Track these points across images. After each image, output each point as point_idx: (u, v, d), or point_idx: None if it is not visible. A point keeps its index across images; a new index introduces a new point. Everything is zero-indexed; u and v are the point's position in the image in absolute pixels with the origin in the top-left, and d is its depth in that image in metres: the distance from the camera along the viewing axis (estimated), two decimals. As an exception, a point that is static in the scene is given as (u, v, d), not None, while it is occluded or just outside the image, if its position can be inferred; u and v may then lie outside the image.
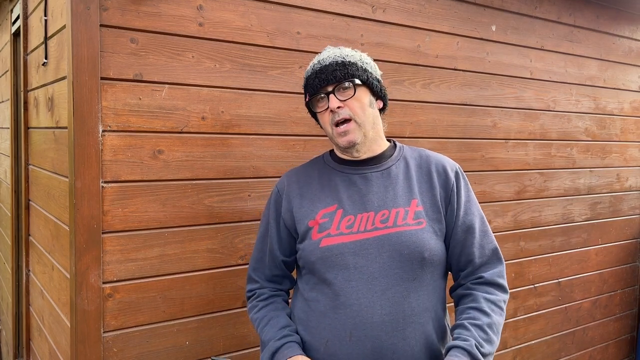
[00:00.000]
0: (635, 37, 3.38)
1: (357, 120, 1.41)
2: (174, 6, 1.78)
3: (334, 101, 1.40)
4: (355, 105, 1.41)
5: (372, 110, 1.46)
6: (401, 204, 1.41)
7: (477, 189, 2.67)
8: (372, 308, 1.34)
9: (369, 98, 1.45)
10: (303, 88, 1.51)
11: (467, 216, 1.47)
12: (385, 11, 2.26)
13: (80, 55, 1.62)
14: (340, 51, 1.47)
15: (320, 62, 1.45)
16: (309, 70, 1.48)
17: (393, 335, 1.34)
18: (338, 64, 1.42)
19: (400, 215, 1.40)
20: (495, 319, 1.38)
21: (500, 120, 2.74)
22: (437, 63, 2.46)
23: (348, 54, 1.46)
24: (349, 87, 1.41)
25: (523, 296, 2.96)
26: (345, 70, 1.41)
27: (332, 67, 1.41)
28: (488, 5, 2.62)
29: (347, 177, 1.47)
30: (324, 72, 1.42)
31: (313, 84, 1.44)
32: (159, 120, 1.78)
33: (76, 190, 1.64)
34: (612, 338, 3.57)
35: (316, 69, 1.44)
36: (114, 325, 1.75)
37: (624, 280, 3.57)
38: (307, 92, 1.49)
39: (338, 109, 1.40)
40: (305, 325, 1.44)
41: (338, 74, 1.40)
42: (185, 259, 1.86)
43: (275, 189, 1.58)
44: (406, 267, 1.36)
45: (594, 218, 3.30)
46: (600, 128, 3.27)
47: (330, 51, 1.48)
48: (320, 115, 1.47)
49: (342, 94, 1.41)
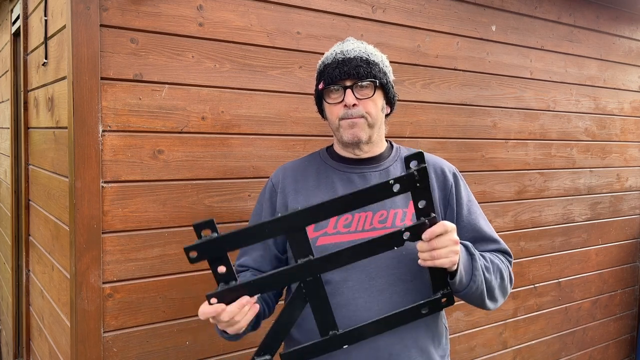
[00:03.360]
0: (635, 37, 3.38)
1: (368, 120, 1.39)
2: (174, 6, 1.78)
3: (350, 97, 1.37)
4: (371, 106, 1.39)
5: (381, 114, 1.44)
6: (399, 205, 1.40)
7: (477, 189, 2.67)
8: (369, 308, 1.33)
9: (382, 102, 1.43)
10: (317, 74, 1.46)
11: (470, 215, 1.46)
12: (385, 11, 2.26)
13: (80, 55, 1.62)
14: (365, 47, 1.43)
15: (344, 53, 1.40)
16: (330, 57, 1.42)
17: (390, 336, 1.33)
18: (363, 60, 1.38)
19: (398, 216, 1.39)
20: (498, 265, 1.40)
21: (500, 120, 2.74)
22: (437, 63, 2.46)
23: (372, 52, 1.43)
24: (368, 87, 1.38)
25: (523, 296, 2.96)
26: (368, 69, 1.37)
27: (356, 62, 1.37)
28: (488, 5, 2.62)
29: (346, 175, 1.45)
30: (347, 64, 1.37)
31: (332, 74, 1.38)
32: (159, 120, 1.78)
33: (76, 190, 1.64)
34: (612, 338, 3.57)
35: (339, 58, 1.39)
36: (114, 325, 1.75)
37: (624, 280, 3.57)
38: (322, 80, 1.43)
39: (353, 106, 1.37)
40: (300, 326, 1.40)
41: (361, 71, 1.36)
42: (185, 259, 1.86)
43: (269, 182, 1.53)
44: (404, 267, 1.35)
45: (594, 218, 3.30)
46: (600, 128, 3.27)
47: (355, 44, 1.43)
48: (330, 107, 1.43)
49: (359, 92, 1.38)
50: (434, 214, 1.15)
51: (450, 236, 1.17)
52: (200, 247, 1.03)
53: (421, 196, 1.13)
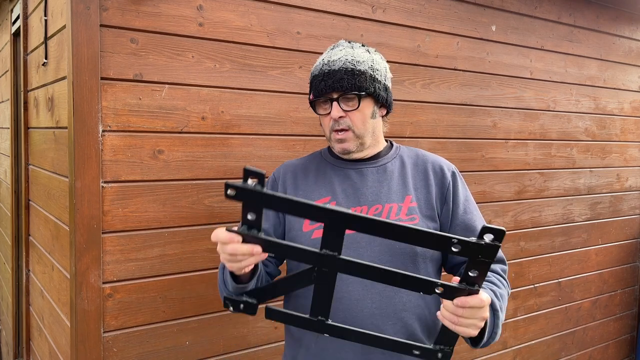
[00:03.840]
0: (635, 37, 3.38)
1: (355, 131, 1.40)
2: (174, 6, 1.78)
3: (336, 111, 1.38)
4: (357, 117, 1.40)
5: (373, 120, 1.44)
6: (395, 199, 1.41)
7: (477, 189, 2.67)
8: (362, 301, 1.34)
9: (372, 109, 1.43)
10: (309, 83, 1.48)
11: (466, 214, 1.46)
12: (385, 11, 2.26)
13: (80, 55, 1.62)
14: (352, 53, 1.41)
15: (330, 65, 1.40)
16: (317, 68, 1.43)
17: (383, 329, 1.34)
18: (347, 71, 1.37)
19: (393, 210, 1.39)
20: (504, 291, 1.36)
21: (500, 120, 2.74)
22: (437, 63, 2.46)
23: (360, 59, 1.40)
24: (353, 99, 1.39)
25: (523, 296, 2.96)
26: (353, 81, 1.37)
27: (340, 75, 1.37)
28: (488, 5, 2.62)
29: (342, 170, 1.47)
30: (332, 77, 1.38)
31: (319, 87, 1.40)
32: (159, 120, 1.78)
33: (76, 190, 1.64)
34: (612, 338, 3.57)
35: (324, 70, 1.40)
36: (114, 325, 1.75)
37: (624, 280, 3.57)
38: (311, 91, 1.46)
39: (339, 118, 1.39)
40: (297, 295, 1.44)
41: (345, 84, 1.36)
42: (185, 259, 1.86)
43: (272, 176, 1.57)
44: (398, 261, 1.36)
45: (594, 218, 3.30)
46: (600, 128, 3.27)
47: (342, 52, 1.42)
48: (321, 117, 1.46)
49: (345, 104, 1.39)
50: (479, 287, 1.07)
51: (482, 313, 1.10)
52: (242, 190, 0.99)
53: (478, 267, 1.03)
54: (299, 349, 1.44)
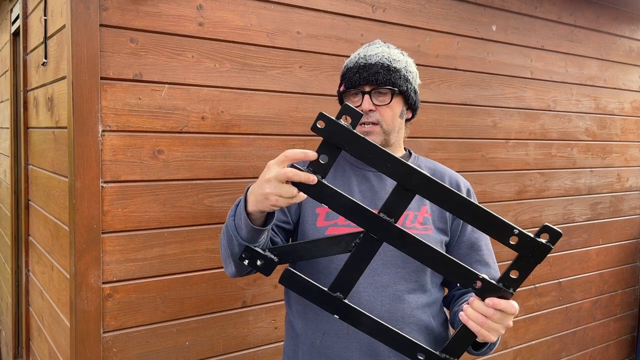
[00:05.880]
0: (635, 37, 3.38)
1: (383, 126, 1.41)
2: (174, 6, 1.77)
3: (367, 103, 1.39)
4: (387, 112, 1.41)
5: (400, 120, 1.45)
6: (411, 207, 1.41)
7: (477, 189, 2.66)
8: (372, 303, 1.34)
9: (401, 108, 1.44)
10: (341, 75, 1.48)
11: (473, 233, 1.47)
12: (385, 11, 2.26)
13: (80, 55, 1.62)
14: (389, 51, 1.44)
15: (366, 58, 1.41)
16: (353, 61, 1.45)
17: None
18: (384, 67, 1.39)
19: (409, 218, 1.40)
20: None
21: (500, 120, 2.74)
22: (437, 63, 2.46)
23: (395, 57, 1.43)
24: (386, 94, 1.40)
25: (523, 296, 2.96)
26: (388, 76, 1.39)
27: (376, 69, 1.39)
28: (488, 5, 2.62)
29: (362, 172, 1.47)
30: (367, 70, 1.39)
31: (352, 78, 1.41)
32: (158, 120, 1.78)
33: (76, 190, 1.64)
34: (612, 338, 3.56)
35: (360, 63, 1.41)
36: (113, 325, 1.74)
37: (624, 281, 3.57)
38: (343, 82, 1.46)
39: (369, 111, 1.39)
40: (302, 316, 1.43)
41: (380, 78, 1.38)
42: (185, 259, 1.86)
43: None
44: (409, 268, 1.36)
45: (594, 218, 3.30)
46: (600, 128, 3.27)
47: (379, 48, 1.45)
48: None
49: (377, 98, 1.40)
50: (514, 289, 1.06)
51: (509, 320, 1.10)
52: (334, 125, 0.95)
53: (522, 268, 1.02)
54: (302, 344, 1.43)
